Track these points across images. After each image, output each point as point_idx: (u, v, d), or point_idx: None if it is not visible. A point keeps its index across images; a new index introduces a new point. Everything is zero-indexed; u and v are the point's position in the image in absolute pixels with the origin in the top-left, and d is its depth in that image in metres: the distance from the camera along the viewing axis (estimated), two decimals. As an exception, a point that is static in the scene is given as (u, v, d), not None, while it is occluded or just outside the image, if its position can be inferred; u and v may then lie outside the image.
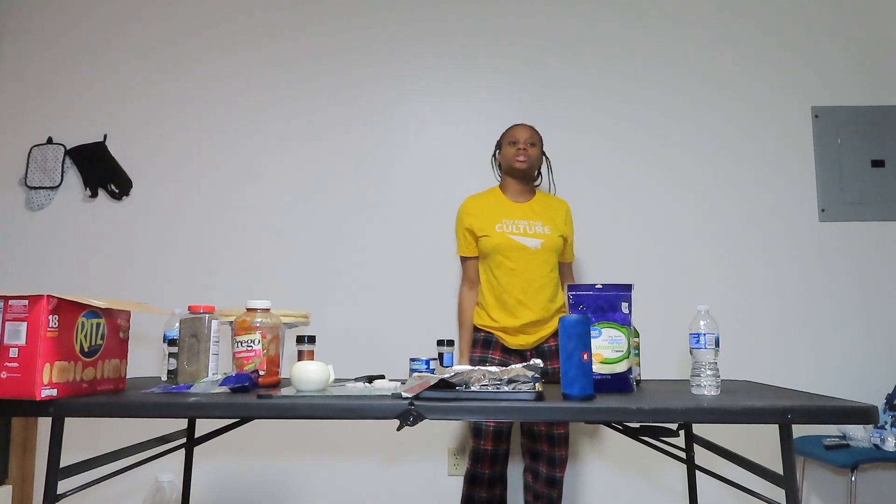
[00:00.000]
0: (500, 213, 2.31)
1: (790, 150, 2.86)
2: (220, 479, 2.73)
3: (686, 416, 1.25)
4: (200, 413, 1.31)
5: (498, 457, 2.25)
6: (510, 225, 2.28)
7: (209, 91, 2.98)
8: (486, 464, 2.24)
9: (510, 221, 2.29)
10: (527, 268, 2.25)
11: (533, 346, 2.30)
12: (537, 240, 2.26)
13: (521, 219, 2.30)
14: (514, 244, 2.25)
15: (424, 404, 1.27)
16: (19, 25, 3.06)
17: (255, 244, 2.87)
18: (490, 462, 2.24)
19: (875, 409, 1.23)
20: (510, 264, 2.24)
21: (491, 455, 2.24)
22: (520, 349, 2.29)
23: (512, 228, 2.27)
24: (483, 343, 2.30)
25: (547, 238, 2.28)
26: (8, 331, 1.26)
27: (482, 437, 2.24)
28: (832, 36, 2.92)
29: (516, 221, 2.29)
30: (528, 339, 2.27)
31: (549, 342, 2.30)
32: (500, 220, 2.29)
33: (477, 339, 2.31)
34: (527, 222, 2.30)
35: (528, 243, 2.25)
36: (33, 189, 2.91)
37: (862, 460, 2.26)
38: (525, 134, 2.31)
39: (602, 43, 2.95)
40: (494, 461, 2.25)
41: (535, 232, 2.28)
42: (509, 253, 2.24)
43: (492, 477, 2.26)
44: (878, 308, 2.75)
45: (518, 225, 2.28)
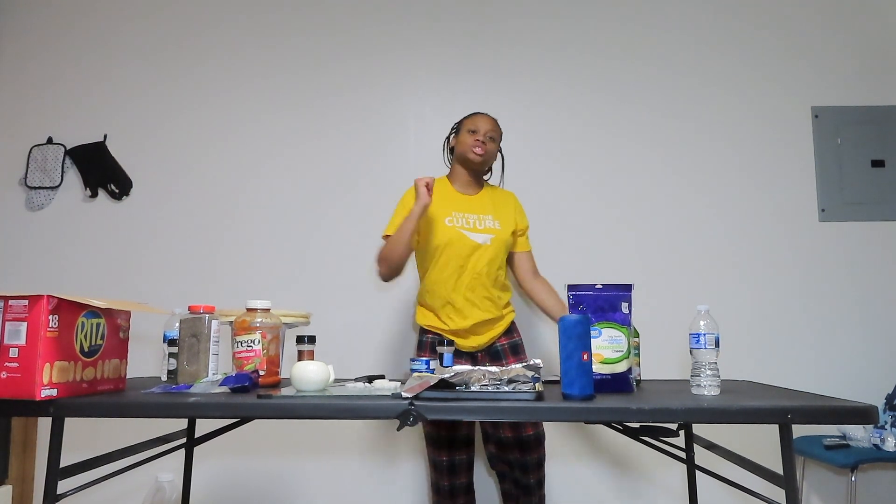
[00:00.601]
0: (449, 206, 2.17)
1: (790, 150, 2.86)
2: (220, 479, 2.73)
3: (686, 416, 1.25)
4: (200, 413, 1.31)
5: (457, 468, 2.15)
6: (460, 219, 2.15)
7: (209, 91, 2.98)
8: (445, 476, 2.15)
9: (460, 215, 2.16)
10: (476, 264, 2.12)
11: (485, 347, 2.20)
12: (487, 235, 2.14)
13: (471, 212, 2.17)
14: (465, 240, 2.12)
15: (424, 404, 1.27)
16: (19, 25, 3.06)
17: (255, 244, 2.87)
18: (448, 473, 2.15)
19: (875, 409, 1.23)
20: (458, 261, 2.12)
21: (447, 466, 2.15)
22: (472, 351, 2.19)
23: (462, 223, 2.14)
24: (432, 346, 2.18)
25: (497, 233, 2.16)
26: (8, 331, 1.26)
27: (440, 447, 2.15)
28: (832, 36, 2.92)
29: (466, 215, 2.16)
30: (479, 340, 2.17)
31: (501, 341, 2.21)
32: (449, 214, 2.15)
33: (424, 342, 2.20)
34: (476, 216, 2.17)
35: (479, 239, 2.12)
36: (33, 189, 2.91)
37: (862, 460, 2.26)
38: (487, 125, 2.16)
39: (602, 43, 2.95)
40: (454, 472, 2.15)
41: (485, 227, 2.15)
42: (460, 249, 2.12)
43: (452, 488, 2.16)
44: (877, 308, 2.75)
45: (468, 219, 2.16)
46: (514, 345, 2.25)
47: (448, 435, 2.15)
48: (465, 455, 2.17)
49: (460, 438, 2.16)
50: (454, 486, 2.16)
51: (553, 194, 2.85)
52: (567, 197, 2.85)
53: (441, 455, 2.15)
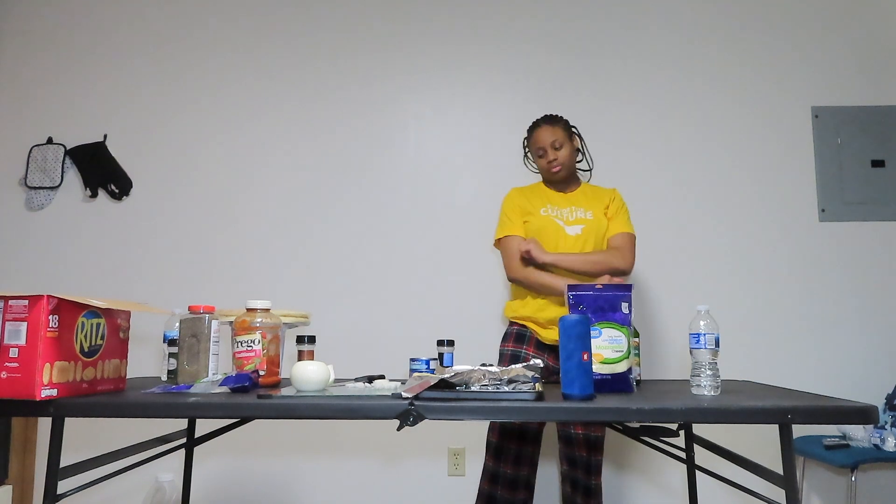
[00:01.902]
0: (545, 200, 2.21)
1: (790, 150, 2.86)
2: (220, 479, 2.73)
3: (686, 416, 1.25)
4: (200, 413, 1.31)
5: (522, 458, 2.11)
6: (553, 210, 2.18)
7: (209, 91, 2.98)
8: (509, 463, 2.10)
9: (553, 207, 2.18)
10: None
11: None
12: (578, 226, 2.14)
13: (563, 206, 2.19)
14: (557, 227, 2.13)
15: (424, 404, 1.26)
16: (19, 25, 3.06)
17: (255, 244, 2.87)
18: (513, 462, 2.10)
19: (875, 409, 1.23)
20: (550, 249, 2.12)
21: (514, 455, 2.10)
22: (554, 344, 2.12)
23: (556, 213, 2.17)
24: (516, 337, 2.18)
25: (588, 223, 2.15)
26: (8, 331, 1.26)
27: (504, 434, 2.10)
28: (832, 36, 2.92)
29: (559, 209, 2.18)
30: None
31: None
32: (544, 205, 2.19)
33: (510, 333, 2.20)
34: (570, 209, 2.18)
35: (570, 230, 2.13)
36: (33, 189, 2.91)
37: (862, 460, 2.26)
38: (549, 137, 2.15)
39: (602, 42, 2.95)
40: (518, 462, 2.10)
41: (576, 218, 2.16)
42: (551, 237, 2.13)
43: (514, 478, 2.10)
44: (877, 308, 2.75)
45: (560, 212, 2.18)
46: None
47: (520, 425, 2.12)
48: (530, 448, 2.13)
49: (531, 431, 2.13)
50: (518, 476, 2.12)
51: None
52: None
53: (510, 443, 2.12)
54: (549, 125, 2.18)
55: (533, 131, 2.20)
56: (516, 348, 2.15)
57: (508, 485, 2.11)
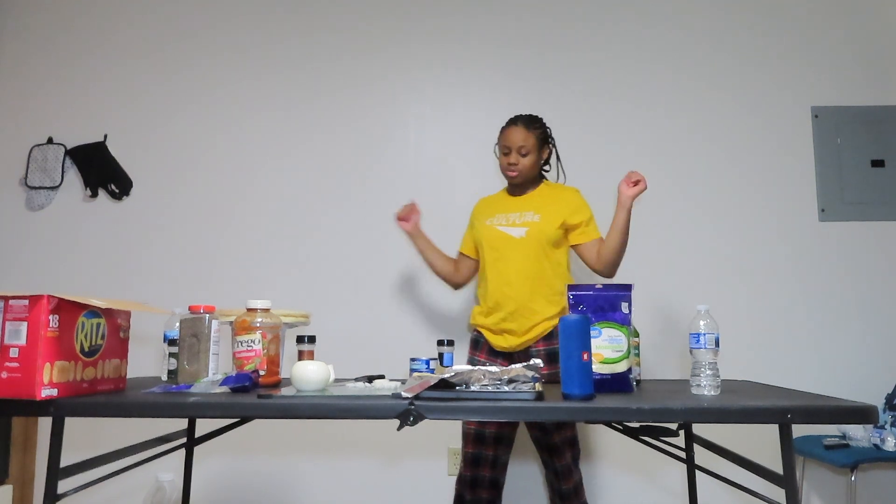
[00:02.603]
0: (495, 209, 2.20)
1: (790, 150, 2.86)
2: (220, 479, 2.73)
3: (686, 416, 1.25)
4: (200, 413, 1.31)
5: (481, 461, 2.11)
6: (501, 218, 2.16)
7: (209, 91, 2.98)
8: (468, 466, 2.12)
9: (502, 215, 2.16)
10: (510, 259, 2.08)
11: (519, 349, 2.11)
12: (522, 228, 2.09)
13: (514, 211, 2.16)
14: (498, 234, 2.11)
15: (424, 404, 1.27)
16: (19, 25, 3.06)
17: (255, 244, 2.87)
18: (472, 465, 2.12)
19: (875, 409, 1.23)
20: (494, 255, 2.12)
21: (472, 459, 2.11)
22: (505, 352, 2.12)
23: (501, 221, 2.15)
24: (472, 343, 2.22)
25: (532, 226, 2.08)
26: (8, 331, 1.26)
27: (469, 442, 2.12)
28: (832, 36, 2.92)
29: (508, 214, 2.16)
30: (513, 342, 2.09)
31: (539, 346, 2.10)
32: (493, 215, 2.18)
33: (471, 339, 2.25)
34: (518, 213, 2.14)
35: (513, 233, 2.09)
36: (33, 189, 2.91)
37: (862, 460, 2.26)
38: (517, 140, 2.09)
39: (602, 42, 2.95)
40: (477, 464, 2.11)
41: (522, 221, 2.11)
42: (494, 244, 2.12)
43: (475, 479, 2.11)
44: (877, 308, 2.75)
45: (508, 217, 2.15)
46: (552, 351, 2.08)
47: (476, 430, 2.12)
48: (491, 452, 2.12)
49: (488, 435, 2.12)
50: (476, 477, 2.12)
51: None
52: (567, 197, 2.85)
53: (467, 447, 2.13)
54: (525, 128, 2.11)
55: (507, 127, 2.14)
56: (472, 355, 2.20)
57: (470, 483, 2.12)
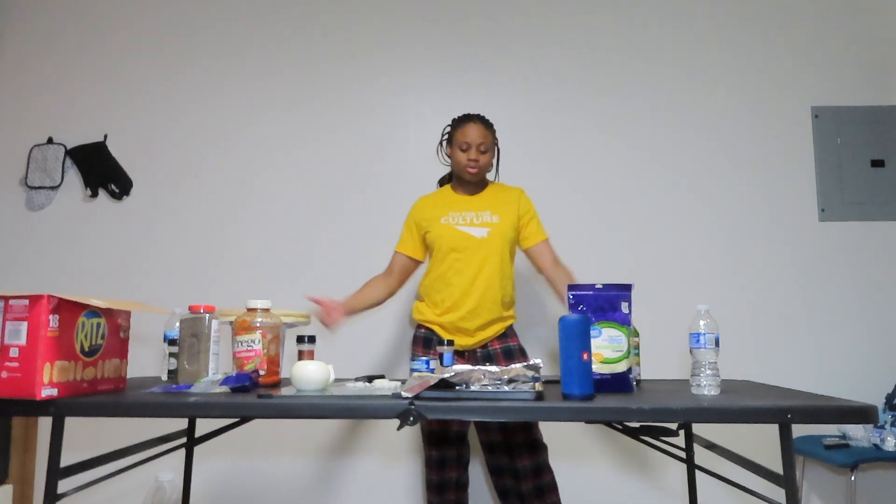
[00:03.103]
0: (448, 207, 2.19)
1: (790, 150, 2.86)
2: (220, 479, 2.73)
3: (686, 416, 1.25)
4: (200, 413, 1.31)
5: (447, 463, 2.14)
6: (456, 217, 2.16)
7: (209, 91, 2.98)
8: (434, 469, 2.15)
9: (457, 214, 2.16)
10: (472, 259, 2.11)
11: (475, 348, 2.17)
12: (484, 229, 2.12)
13: (469, 210, 2.17)
14: (459, 234, 2.12)
15: (424, 404, 1.26)
16: (19, 25, 3.06)
17: (255, 244, 2.87)
18: (437, 467, 2.14)
19: (875, 409, 1.23)
20: (455, 255, 2.12)
21: (437, 461, 2.14)
22: (460, 350, 2.15)
23: (458, 220, 2.15)
24: (424, 342, 2.19)
25: (494, 227, 2.13)
26: (8, 331, 1.26)
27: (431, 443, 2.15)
28: (832, 36, 2.92)
29: (463, 213, 2.16)
30: (468, 340, 2.14)
31: (494, 344, 2.18)
32: (446, 214, 2.17)
33: (417, 337, 2.21)
34: (474, 213, 2.16)
35: (475, 233, 2.12)
36: (33, 189, 2.91)
37: (862, 460, 2.26)
38: (478, 137, 2.10)
39: (601, 42, 2.95)
40: (443, 467, 2.14)
41: (482, 221, 2.14)
42: (455, 243, 2.12)
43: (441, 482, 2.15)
44: (878, 308, 2.75)
45: (465, 216, 2.15)
46: (507, 349, 2.20)
47: (440, 430, 2.16)
48: (455, 451, 2.16)
49: (452, 435, 2.16)
50: (443, 480, 2.17)
51: (552, 194, 2.85)
52: (566, 196, 2.85)
53: (431, 450, 2.17)
54: (483, 126, 2.12)
55: (465, 123, 2.13)
56: (425, 353, 2.16)
57: (437, 487, 2.17)
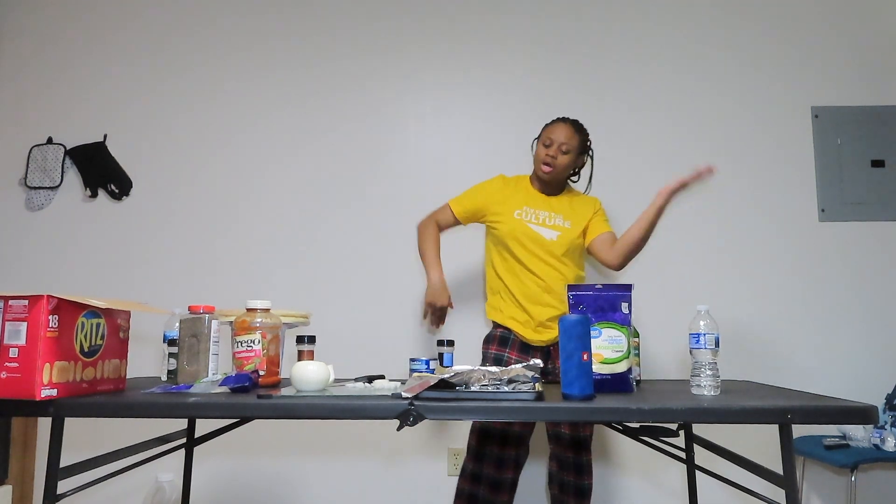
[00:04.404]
0: (522, 201, 2.20)
1: (790, 150, 2.86)
2: (220, 479, 2.73)
3: (686, 416, 1.25)
4: (200, 413, 1.31)
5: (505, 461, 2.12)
6: (530, 213, 2.17)
7: (209, 91, 2.98)
8: (492, 466, 2.12)
9: (531, 210, 2.17)
10: (543, 259, 2.13)
11: (555, 342, 2.16)
12: (555, 232, 2.14)
13: (544, 209, 2.18)
14: (530, 233, 2.14)
15: (424, 404, 1.26)
16: (19, 25, 3.06)
17: (255, 244, 2.87)
18: (496, 465, 2.12)
19: (875, 409, 1.23)
20: (526, 253, 2.14)
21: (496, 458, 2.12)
22: (543, 346, 2.17)
23: (531, 217, 2.16)
24: (500, 340, 2.19)
25: (565, 231, 2.15)
26: (8, 331, 1.26)
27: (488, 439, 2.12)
28: (832, 36, 2.92)
29: (537, 211, 2.17)
30: (551, 335, 2.15)
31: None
32: (520, 207, 2.18)
33: (493, 336, 2.21)
34: (548, 214, 2.18)
35: (545, 234, 2.14)
36: (33, 189, 2.91)
37: (862, 460, 2.26)
38: (561, 136, 2.13)
39: (601, 42, 2.95)
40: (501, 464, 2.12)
41: (553, 224, 2.16)
42: (525, 241, 2.14)
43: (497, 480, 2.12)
44: (877, 308, 2.75)
45: (538, 215, 2.17)
46: None
47: (501, 428, 2.13)
48: (513, 452, 2.15)
49: (513, 434, 2.14)
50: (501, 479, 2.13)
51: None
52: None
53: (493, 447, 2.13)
54: (572, 128, 2.16)
55: (555, 122, 2.19)
56: (499, 351, 2.16)
57: (490, 485, 2.13)
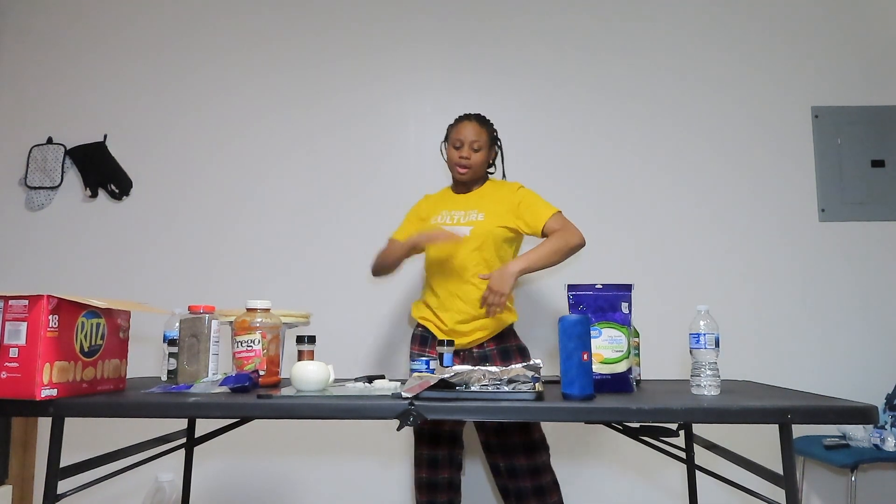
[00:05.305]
0: (441, 207, 2.21)
1: (790, 150, 2.86)
2: (220, 479, 2.73)
3: (686, 416, 1.25)
4: (200, 413, 1.31)
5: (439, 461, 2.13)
6: (446, 216, 2.16)
7: (209, 91, 2.98)
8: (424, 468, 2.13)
9: (447, 213, 2.17)
10: (454, 257, 2.09)
11: (470, 347, 2.12)
12: (467, 227, 2.10)
13: (460, 209, 2.17)
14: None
15: (424, 404, 1.26)
16: (19, 25, 3.06)
17: (255, 244, 2.87)
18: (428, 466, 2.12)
19: (875, 409, 1.23)
20: (440, 255, 2.12)
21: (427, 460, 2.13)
22: (458, 349, 2.10)
23: (446, 219, 2.15)
24: (420, 340, 2.19)
25: (477, 225, 2.09)
26: (8, 331, 1.26)
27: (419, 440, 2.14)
28: (832, 36, 2.92)
29: (452, 212, 2.16)
30: (462, 339, 2.10)
31: (490, 345, 2.14)
32: (438, 213, 2.19)
33: (415, 335, 2.22)
34: (463, 212, 2.15)
35: (458, 231, 2.08)
36: (33, 189, 2.91)
37: (862, 460, 2.26)
38: (470, 135, 2.11)
39: (602, 42, 2.95)
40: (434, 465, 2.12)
41: (468, 220, 2.12)
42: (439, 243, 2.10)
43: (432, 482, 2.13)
44: (878, 308, 2.75)
45: (453, 215, 2.15)
46: (504, 349, 2.16)
47: (430, 430, 2.15)
48: (446, 451, 2.15)
49: (444, 434, 2.15)
50: (433, 480, 2.15)
51: (552, 194, 2.83)
52: (567, 196, 2.85)
53: (422, 449, 2.15)
54: (479, 124, 2.15)
55: (459, 122, 2.17)
56: (421, 350, 2.16)
57: (426, 488, 2.14)
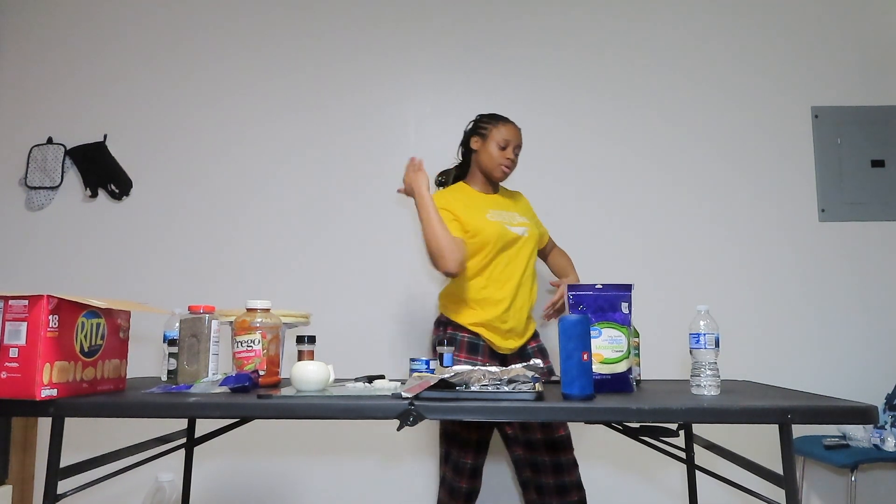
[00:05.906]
0: (484, 204, 2.12)
1: (790, 150, 2.86)
2: (220, 479, 2.73)
3: (686, 416, 1.25)
4: (200, 413, 1.31)
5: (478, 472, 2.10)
6: (497, 215, 2.09)
7: (209, 91, 2.98)
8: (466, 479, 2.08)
9: (496, 212, 2.11)
10: (518, 259, 2.09)
11: (517, 350, 2.13)
12: (524, 227, 2.12)
13: (505, 209, 2.14)
14: (508, 233, 2.07)
15: (424, 404, 1.26)
16: (19, 25, 3.06)
17: (255, 244, 2.87)
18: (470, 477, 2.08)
19: (875, 409, 1.23)
20: (506, 257, 2.07)
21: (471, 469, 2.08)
22: (503, 354, 2.12)
23: (503, 218, 2.09)
24: (469, 347, 2.07)
25: (530, 227, 2.14)
26: (8, 331, 1.26)
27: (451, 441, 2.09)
28: (832, 36, 2.92)
29: (501, 212, 2.12)
30: (518, 342, 2.12)
31: (531, 344, 2.18)
32: (488, 210, 2.10)
33: (461, 342, 2.07)
34: (509, 213, 2.14)
35: (519, 231, 2.09)
36: (33, 189, 2.91)
37: (862, 460, 2.26)
38: (516, 139, 2.13)
39: (602, 43, 2.95)
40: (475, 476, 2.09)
41: (519, 222, 2.13)
42: (506, 244, 2.07)
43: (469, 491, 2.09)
44: (878, 308, 2.75)
45: (501, 214, 2.11)
46: (542, 348, 2.21)
47: (477, 438, 2.08)
48: (483, 459, 2.11)
49: (483, 442, 2.09)
50: (472, 489, 2.10)
51: (553, 195, 2.85)
52: (567, 197, 2.85)
53: (467, 458, 2.07)
54: (518, 128, 2.16)
55: (506, 122, 2.14)
56: (469, 359, 2.05)
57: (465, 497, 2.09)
